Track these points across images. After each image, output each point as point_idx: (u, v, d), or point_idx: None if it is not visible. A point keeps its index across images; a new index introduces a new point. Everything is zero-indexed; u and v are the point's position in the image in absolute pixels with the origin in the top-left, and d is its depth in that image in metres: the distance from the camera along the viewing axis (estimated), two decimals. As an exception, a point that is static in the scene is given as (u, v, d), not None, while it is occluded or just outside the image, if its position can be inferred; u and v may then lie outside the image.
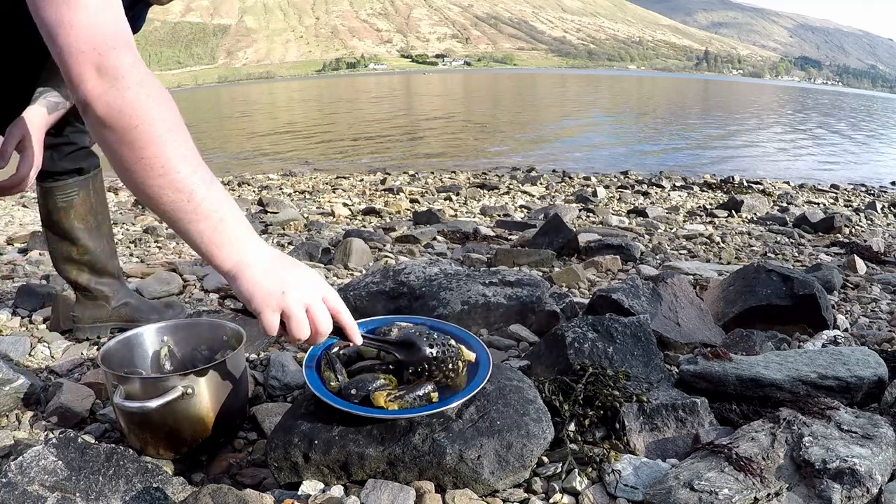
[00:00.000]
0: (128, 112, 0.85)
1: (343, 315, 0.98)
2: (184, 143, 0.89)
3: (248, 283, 0.91)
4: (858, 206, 6.76)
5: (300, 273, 0.94)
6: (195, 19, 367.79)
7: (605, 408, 1.24)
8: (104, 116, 0.85)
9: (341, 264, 2.93)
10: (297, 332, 0.92)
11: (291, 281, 0.92)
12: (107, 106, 0.85)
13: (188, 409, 1.16)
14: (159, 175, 0.87)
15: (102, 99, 0.84)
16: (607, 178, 9.14)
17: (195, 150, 0.91)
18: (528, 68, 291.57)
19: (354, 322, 1.00)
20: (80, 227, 1.71)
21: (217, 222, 0.89)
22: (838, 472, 0.98)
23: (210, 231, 0.89)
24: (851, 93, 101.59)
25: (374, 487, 1.03)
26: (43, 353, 1.74)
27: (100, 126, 0.87)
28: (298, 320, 0.92)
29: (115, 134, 0.86)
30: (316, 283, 0.95)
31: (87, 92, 0.84)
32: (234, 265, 0.91)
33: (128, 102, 0.85)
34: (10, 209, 4.97)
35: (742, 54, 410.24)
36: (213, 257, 0.91)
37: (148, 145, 0.86)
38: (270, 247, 0.96)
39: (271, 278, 0.91)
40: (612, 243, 3.26)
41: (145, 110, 0.86)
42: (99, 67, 0.84)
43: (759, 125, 21.90)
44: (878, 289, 2.68)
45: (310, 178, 8.93)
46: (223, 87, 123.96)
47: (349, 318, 0.99)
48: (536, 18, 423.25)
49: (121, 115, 0.85)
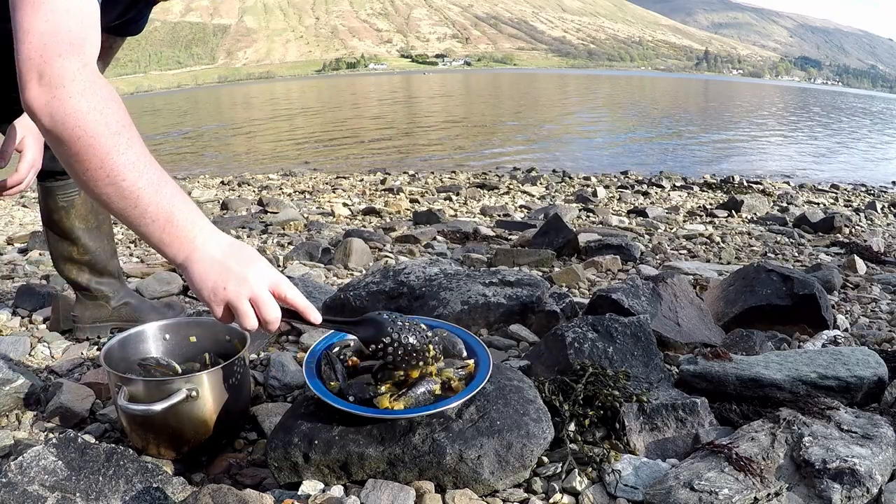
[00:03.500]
0: (70, 123, 0.84)
1: (295, 300, 0.99)
2: (128, 149, 0.89)
3: (196, 279, 0.94)
4: (858, 206, 6.76)
5: (246, 266, 0.96)
6: (195, 19, 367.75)
7: (605, 408, 1.24)
8: (49, 127, 0.85)
9: (341, 264, 2.93)
10: (244, 324, 0.95)
11: (235, 275, 0.94)
12: (50, 116, 0.85)
13: (192, 410, 1.16)
14: (106, 184, 0.88)
15: (45, 109, 0.84)
16: (607, 178, 9.14)
17: (143, 153, 0.91)
18: (528, 68, 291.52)
19: (309, 304, 1.01)
20: (80, 226, 1.71)
21: (165, 223, 0.91)
22: (838, 472, 0.98)
23: (159, 232, 0.92)
24: (851, 93, 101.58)
25: (374, 487, 1.03)
26: (43, 353, 1.74)
27: (46, 134, 0.87)
28: (243, 313, 0.94)
29: (61, 144, 0.86)
30: (262, 273, 0.96)
31: (31, 100, 0.85)
32: (183, 261, 0.94)
33: (70, 113, 0.84)
34: (10, 209, 4.97)
35: (742, 54, 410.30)
36: (164, 254, 0.95)
37: (91, 157, 0.86)
38: (223, 238, 0.97)
39: (217, 273, 0.94)
40: (612, 243, 3.26)
41: (87, 121, 0.85)
42: (42, 75, 0.84)
43: (759, 125, 21.90)
44: (878, 289, 2.68)
45: (310, 178, 8.93)
46: (223, 87, 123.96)
47: (303, 301, 1.00)
48: (536, 18, 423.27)
49: (64, 126, 0.85)
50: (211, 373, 1.17)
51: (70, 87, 0.85)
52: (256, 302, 0.95)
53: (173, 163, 12.94)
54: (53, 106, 0.84)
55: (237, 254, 0.96)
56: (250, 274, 0.95)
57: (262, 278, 0.96)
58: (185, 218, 0.93)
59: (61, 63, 0.85)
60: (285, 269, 2.79)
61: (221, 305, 0.94)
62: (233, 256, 0.95)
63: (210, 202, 5.94)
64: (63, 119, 0.84)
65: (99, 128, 0.86)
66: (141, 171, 0.89)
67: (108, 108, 0.88)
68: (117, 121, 0.88)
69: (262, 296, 0.95)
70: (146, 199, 0.89)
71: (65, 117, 0.84)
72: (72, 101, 0.84)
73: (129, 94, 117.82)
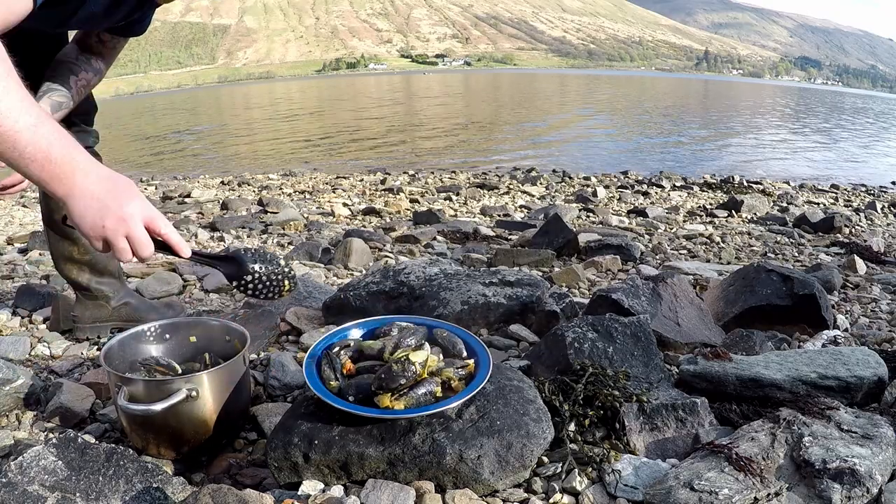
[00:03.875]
0: None
1: (167, 233, 1.05)
2: (6, 95, 0.93)
3: (75, 215, 0.99)
4: (858, 206, 6.76)
5: (122, 203, 1.00)
6: (195, 19, 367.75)
7: (605, 408, 1.24)
8: None
9: (341, 264, 2.93)
10: (120, 257, 1.01)
11: (112, 213, 0.99)
12: None
13: (192, 411, 1.16)
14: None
15: None
16: (607, 178, 9.14)
17: (19, 98, 0.94)
18: (528, 68, 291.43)
19: (180, 238, 1.07)
20: (80, 226, 1.71)
21: (43, 162, 0.95)
22: (838, 471, 0.98)
23: (38, 170, 0.96)
24: (851, 93, 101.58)
25: (374, 487, 1.03)
26: (43, 353, 1.74)
27: None
28: (119, 249, 1.00)
29: None
30: (138, 210, 1.01)
31: None
32: (62, 197, 0.99)
33: None
34: (10, 209, 4.97)
35: (742, 54, 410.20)
36: (46, 190, 0.99)
37: None
38: (101, 171, 1.01)
39: (95, 210, 0.99)
40: (612, 243, 3.26)
41: None
42: None
43: (759, 125, 21.91)
44: (878, 289, 2.68)
45: (310, 178, 8.93)
46: (223, 88, 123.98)
47: (175, 236, 1.06)
48: (536, 18, 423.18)
49: None
50: (211, 373, 1.17)
51: None
52: (132, 238, 1.00)
53: (173, 162, 12.96)
54: None
55: (114, 190, 1.00)
56: (126, 211, 0.99)
57: (137, 215, 1.00)
58: (62, 155, 0.97)
59: None
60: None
61: (100, 241, 1.00)
62: (110, 193, 0.99)
63: (210, 202, 5.94)
64: None
65: None
66: (17, 115, 0.93)
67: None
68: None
69: (137, 233, 1.00)
70: (24, 141, 0.93)
71: None
72: None
73: (129, 94, 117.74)
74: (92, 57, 1.50)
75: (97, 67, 1.52)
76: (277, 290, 1.19)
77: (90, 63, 1.50)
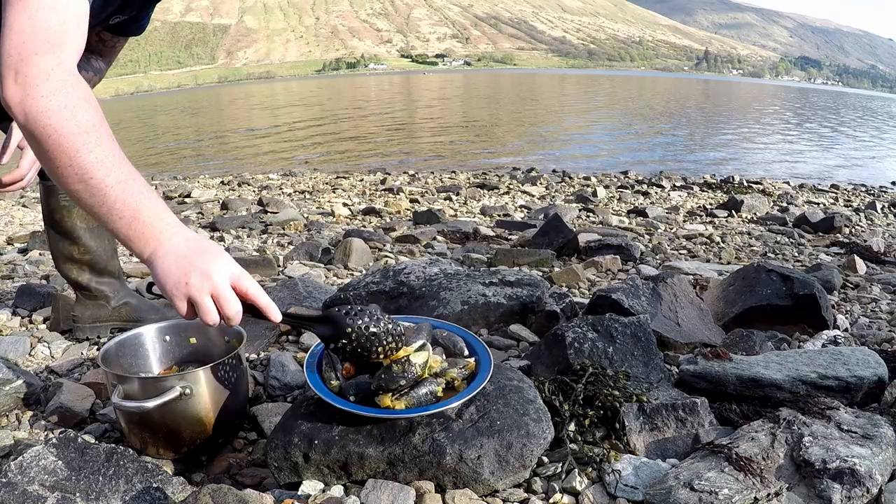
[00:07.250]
0: (42, 121, 0.88)
1: (256, 297, 1.00)
2: (98, 147, 0.91)
3: (159, 274, 0.96)
4: (858, 206, 6.76)
5: (209, 260, 0.97)
6: (195, 19, 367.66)
7: (605, 408, 1.24)
8: (23, 123, 0.89)
9: (341, 264, 2.93)
10: (205, 318, 0.96)
11: (198, 270, 0.95)
12: (24, 113, 0.88)
13: (187, 409, 1.16)
14: (75, 181, 0.91)
15: (19, 106, 0.88)
16: (607, 178, 9.14)
17: (112, 151, 0.93)
18: (528, 68, 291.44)
19: (269, 300, 1.01)
20: (81, 226, 1.71)
21: (131, 220, 0.94)
22: (838, 472, 0.98)
23: (125, 228, 0.94)
24: (851, 93, 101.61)
25: (374, 487, 1.03)
26: (43, 353, 1.74)
27: (22, 130, 0.90)
28: (204, 308, 0.95)
29: (34, 140, 0.90)
30: (224, 268, 0.97)
31: (8, 98, 0.88)
32: (148, 256, 0.97)
33: (41, 111, 0.88)
34: (10, 209, 4.97)
35: (742, 54, 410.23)
36: (131, 249, 0.97)
37: (61, 154, 0.89)
38: (187, 233, 0.99)
39: (179, 268, 0.95)
40: (612, 243, 3.26)
41: (57, 119, 0.88)
42: (17, 73, 0.88)
43: (759, 125, 21.91)
44: (878, 289, 2.68)
45: (310, 178, 8.93)
46: (223, 87, 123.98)
47: (264, 299, 1.00)
48: (536, 18, 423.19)
49: (35, 123, 0.88)
50: (205, 370, 1.16)
51: (42, 85, 0.88)
52: (217, 297, 0.96)
53: (173, 163, 12.96)
54: (27, 104, 0.88)
55: (200, 249, 0.98)
56: (212, 269, 0.95)
57: (223, 273, 0.97)
58: (151, 214, 0.96)
59: (36, 61, 0.88)
60: (285, 269, 2.79)
61: (184, 300, 0.95)
62: (196, 251, 0.97)
63: (210, 202, 5.94)
64: (35, 116, 0.88)
65: (69, 126, 0.89)
66: (109, 169, 0.92)
67: (78, 107, 0.90)
68: (87, 119, 0.91)
69: (223, 291, 0.96)
70: (113, 197, 0.92)
71: (37, 115, 0.88)
72: (43, 100, 0.88)
73: (129, 94, 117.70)
74: (92, 56, 1.50)
75: (97, 67, 1.52)
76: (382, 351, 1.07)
77: (90, 62, 1.50)
